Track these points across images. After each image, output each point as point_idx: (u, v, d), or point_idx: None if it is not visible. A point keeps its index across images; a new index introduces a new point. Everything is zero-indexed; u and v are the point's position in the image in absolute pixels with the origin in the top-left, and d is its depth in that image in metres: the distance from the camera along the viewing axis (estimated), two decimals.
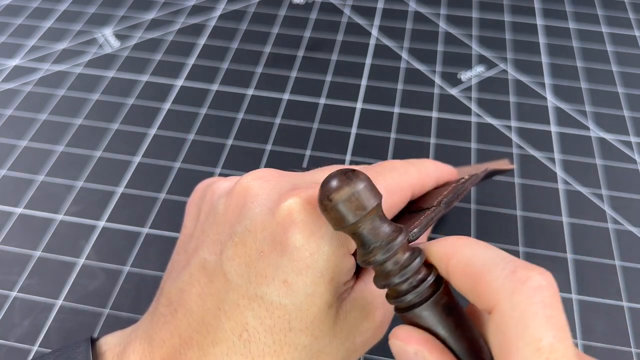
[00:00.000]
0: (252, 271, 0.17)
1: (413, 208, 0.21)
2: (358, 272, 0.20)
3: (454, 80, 0.37)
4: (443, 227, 0.29)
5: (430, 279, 0.16)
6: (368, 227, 0.16)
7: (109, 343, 0.20)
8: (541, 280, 0.14)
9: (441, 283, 0.16)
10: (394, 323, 0.24)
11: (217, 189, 0.21)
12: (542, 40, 0.40)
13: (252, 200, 0.19)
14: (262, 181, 0.19)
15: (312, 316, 0.17)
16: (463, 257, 0.15)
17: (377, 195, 0.16)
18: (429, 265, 0.16)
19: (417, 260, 0.16)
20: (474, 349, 0.15)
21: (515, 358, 0.13)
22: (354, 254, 0.18)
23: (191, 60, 0.38)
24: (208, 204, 0.21)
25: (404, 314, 0.16)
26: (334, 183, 0.16)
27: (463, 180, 0.21)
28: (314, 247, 0.17)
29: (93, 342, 0.20)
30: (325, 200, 0.16)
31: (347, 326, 0.19)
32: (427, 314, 0.15)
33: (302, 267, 0.17)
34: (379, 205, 0.16)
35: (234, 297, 0.17)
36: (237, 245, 0.18)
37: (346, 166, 0.19)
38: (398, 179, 0.20)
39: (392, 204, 0.20)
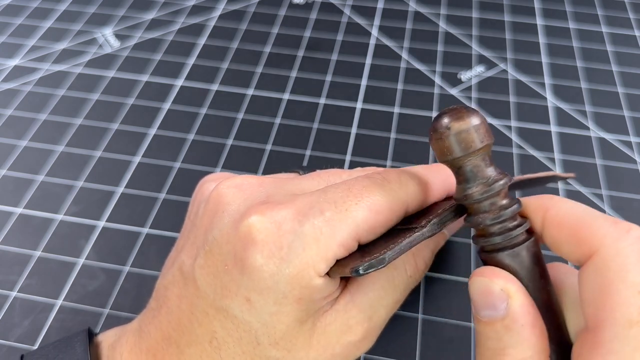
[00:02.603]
0: (219, 283, 0.17)
1: (405, 224, 0.19)
2: (347, 281, 0.19)
3: (454, 80, 0.37)
4: None
5: (524, 227, 0.16)
6: (474, 164, 0.16)
7: (106, 335, 0.21)
8: None
9: (532, 235, 0.16)
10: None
11: (205, 191, 0.21)
12: (542, 40, 0.40)
13: (223, 209, 0.18)
14: (236, 190, 0.19)
15: (280, 333, 0.17)
16: (562, 208, 0.16)
17: (490, 136, 0.16)
18: (523, 217, 0.17)
19: (515, 207, 0.16)
20: (551, 303, 0.16)
21: (615, 298, 0.13)
22: (329, 274, 0.17)
23: (191, 60, 0.38)
24: (196, 205, 0.21)
25: (492, 256, 0.16)
26: (454, 114, 0.16)
27: None
28: (274, 269, 0.17)
29: (92, 335, 0.20)
30: (441, 129, 0.16)
31: (326, 338, 0.18)
32: (513, 259, 0.16)
33: (262, 288, 0.17)
34: (489, 146, 0.16)
35: (203, 305, 0.18)
36: (207, 254, 0.18)
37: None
38: (387, 196, 0.18)
39: (375, 224, 0.17)
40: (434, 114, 0.34)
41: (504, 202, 0.16)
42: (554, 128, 0.34)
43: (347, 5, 0.43)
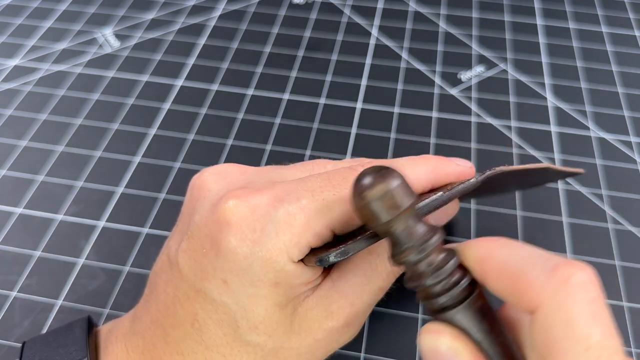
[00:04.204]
0: (198, 266, 0.18)
1: None
2: (330, 269, 0.19)
3: (454, 80, 0.37)
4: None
5: (465, 281, 0.15)
6: (402, 227, 0.15)
7: (106, 324, 0.21)
8: (583, 276, 0.13)
9: (475, 286, 0.16)
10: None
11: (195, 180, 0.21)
12: (542, 40, 0.40)
13: (204, 195, 0.19)
14: (218, 177, 0.20)
15: (259, 317, 0.17)
16: (498, 258, 0.15)
17: (412, 193, 0.15)
18: (462, 268, 0.16)
19: (452, 262, 0.16)
20: (507, 354, 0.15)
21: (565, 358, 0.12)
22: (304, 261, 0.18)
23: (191, 60, 0.38)
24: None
25: (436, 317, 0.16)
26: (367, 180, 0.15)
27: (448, 188, 0.18)
28: (247, 252, 0.17)
29: (92, 325, 0.21)
30: (358, 198, 0.15)
31: (307, 324, 0.18)
32: (460, 317, 0.15)
33: (237, 270, 0.17)
34: (414, 204, 0.15)
35: (185, 288, 0.18)
36: (188, 238, 0.18)
37: (379, 162, 0.18)
38: None
39: (351, 216, 0.18)
40: (434, 114, 0.34)
41: (440, 258, 0.16)
42: (554, 128, 0.34)
43: (347, 5, 0.43)
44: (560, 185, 0.31)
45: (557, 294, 0.13)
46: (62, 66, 0.38)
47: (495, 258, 0.15)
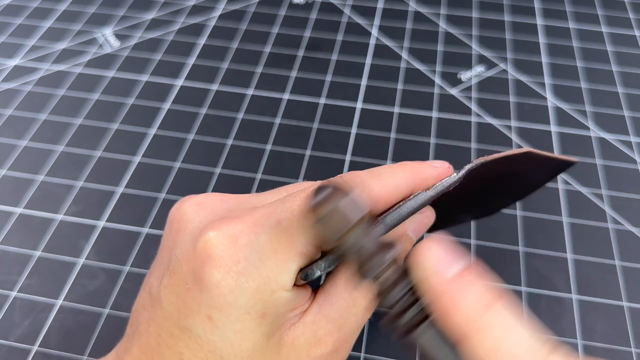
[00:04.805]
0: (181, 302, 0.17)
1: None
2: (317, 290, 0.19)
3: (454, 80, 0.37)
4: None
5: (424, 300, 0.15)
6: (353, 244, 0.15)
7: None
8: None
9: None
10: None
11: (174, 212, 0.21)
12: (542, 40, 0.40)
13: (184, 227, 0.18)
14: (198, 207, 0.19)
15: (247, 351, 0.17)
16: (495, 338, 0.13)
17: (362, 209, 0.15)
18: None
19: (409, 279, 0.15)
20: None
21: None
22: (296, 282, 0.17)
23: (191, 60, 0.38)
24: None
25: (404, 339, 0.15)
26: (313, 200, 0.15)
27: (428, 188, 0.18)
28: (232, 284, 0.16)
29: None
30: (312, 217, 0.15)
31: (295, 353, 0.18)
32: (429, 334, 0.15)
33: (222, 304, 0.16)
34: (364, 218, 0.15)
35: (169, 326, 0.17)
36: (170, 274, 0.18)
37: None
38: None
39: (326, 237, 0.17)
40: (434, 114, 0.34)
41: (396, 275, 0.15)
42: (554, 128, 0.34)
43: (347, 5, 0.43)
44: (560, 185, 0.31)
45: None
46: (62, 66, 0.38)
47: (489, 336, 0.14)
